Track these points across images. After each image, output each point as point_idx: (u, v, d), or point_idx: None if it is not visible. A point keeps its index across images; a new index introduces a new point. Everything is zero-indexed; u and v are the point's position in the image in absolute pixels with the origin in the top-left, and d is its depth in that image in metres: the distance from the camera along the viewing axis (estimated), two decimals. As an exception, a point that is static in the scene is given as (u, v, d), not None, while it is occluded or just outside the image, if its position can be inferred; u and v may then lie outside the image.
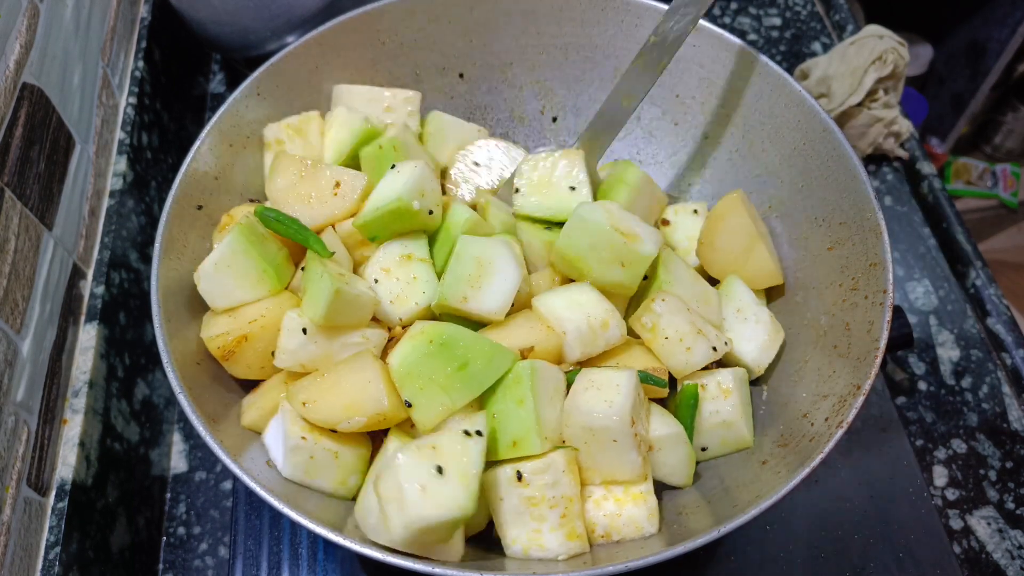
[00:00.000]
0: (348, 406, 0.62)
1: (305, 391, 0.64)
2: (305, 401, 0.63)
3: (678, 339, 0.69)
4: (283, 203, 0.76)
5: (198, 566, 0.85)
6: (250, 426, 0.69)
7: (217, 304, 0.70)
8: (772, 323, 0.76)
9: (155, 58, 1.10)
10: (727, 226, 0.77)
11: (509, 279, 0.68)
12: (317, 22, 0.96)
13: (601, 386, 0.63)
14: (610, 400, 0.61)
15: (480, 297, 0.67)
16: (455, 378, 0.63)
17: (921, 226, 1.10)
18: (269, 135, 0.83)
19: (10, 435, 0.66)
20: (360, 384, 0.63)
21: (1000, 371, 0.97)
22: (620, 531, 0.64)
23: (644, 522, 0.64)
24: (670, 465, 0.68)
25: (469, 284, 0.68)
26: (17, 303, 0.70)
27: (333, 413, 0.63)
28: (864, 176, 0.72)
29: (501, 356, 0.64)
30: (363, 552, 0.55)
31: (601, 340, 0.69)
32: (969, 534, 0.86)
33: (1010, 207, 2.59)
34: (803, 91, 0.78)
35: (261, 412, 0.68)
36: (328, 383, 0.64)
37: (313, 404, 0.63)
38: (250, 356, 0.69)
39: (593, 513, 0.64)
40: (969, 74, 2.26)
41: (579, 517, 0.62)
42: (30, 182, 0.75)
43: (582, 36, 0.91)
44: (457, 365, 0.63)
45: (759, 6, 1.37)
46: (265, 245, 0.70)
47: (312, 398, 0.63)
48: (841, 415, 0.62)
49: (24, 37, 0.78)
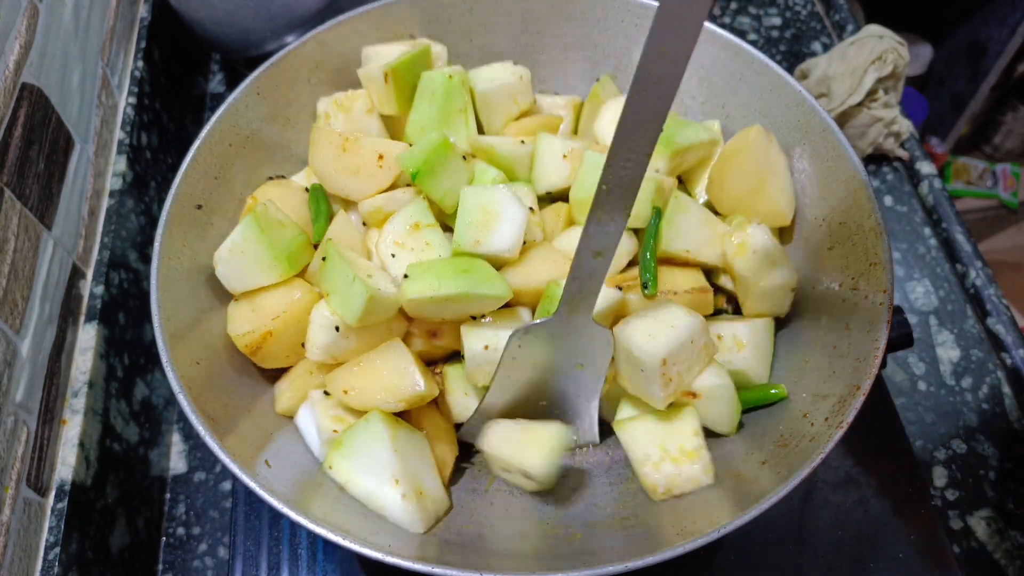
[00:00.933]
0: (388, 390, 0.68)
1: (344, 380, 0.69)
2: (346, 389, 0.68)
3: (765, 254, 0.73)
4: (330, 177, 0.79)
5: (197, 566, 0.85)
6: (284, 412, 0.73)
7: (233, 287, 0.73)
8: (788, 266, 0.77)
9: (155, 58, 1.10)
10: (738, 164, 0.78)
11: (516, 220, 0.71)
12: (317, 22, 0.96)
13: (656, 318, 0.66)
14: (653, 334, 0.65)
15: (491, 239, 0.71)
16: (454, 272, 0.68)
17: (921, 226, 1.09)
18: (320, 108, 0.86)
19: (9, 435, 0.66)
20: (397, 371, 0.68)
21: (1000, 371, 0.97)
22: (681, 486, 0.68)
23: (701, 475, 0.67)
24: (715, 414, 0.71)
25: (479, 229, 0.71)
26: (16, 303, 0.70)
27: (373, 398, 0.68)
28: (864, 176, 0.72)
29: (500, 283, 0.68)
30: (363, 552, 0.55)
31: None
32: (969, 534, 0.86)
33: (1010, 207, 2.59)
34: (803, 91, 0.78)
35: (294, 399, 0.73)
36: (365, 372, 0.69)
37: (354, 392, 0.68)
38: (276, 349, 0.72)
39: (653, 476, 0.68)
40: (969, 74, 2.26)
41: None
42: (29, 182, 0.75)
43: (582, 36, 0.91)
44: (461, 269, 0.68)
45: (759, 6, 1.37)
46: (279, 232, 0.72)
47: (352, 386, 0.68)
48: (841, 415, 0.62)
49: (24, 37, 0.78)
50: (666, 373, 0.65)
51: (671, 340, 0.65)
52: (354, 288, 0.66)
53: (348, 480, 0.66)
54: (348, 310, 0.66)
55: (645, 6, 0.87)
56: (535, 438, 0.67)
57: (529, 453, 0.66)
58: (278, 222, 0.72)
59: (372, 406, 0.67)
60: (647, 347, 0.64)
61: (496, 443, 0.67)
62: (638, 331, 0.66)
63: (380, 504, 0.64)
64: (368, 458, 0.65)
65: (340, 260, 0.68)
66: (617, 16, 0.88)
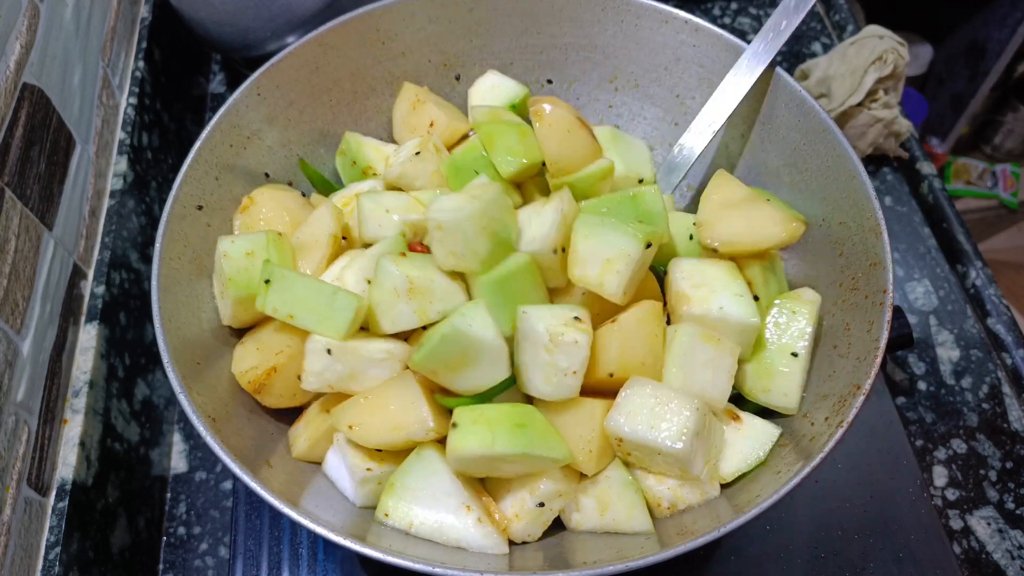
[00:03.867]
0: (394, 427, 0.64)
1: (350, 414, 0.65)
2: (352, 424, 0.64)
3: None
4: (398, 131, 0.89)
5: (198, 566, 0.85)
6: (302, 457, 0.70)
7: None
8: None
9: (155, 58, 1.10)
10: (721, 196, 0.75)
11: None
12: (317, 22, 0.96)
13: (664, 412, 0.62)
14: (656, 424, 0.61)
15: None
16: (510, 428, 0.62)
17: (921, 226, 1.10)
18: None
19: (10, 435, 0.66)
20: (405, 405, 0.64)
21: (1000, 371, 0.97)
22: (685, 500, 0.65)
23: (707, 486, 0.65)
24: (777, 395, 0.69)
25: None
26: (17, 303, 0.70)
27: (379, 434, 0.64)
28: (864, 176, 0.72)
29: (559, 444, 0.63)
30: (363, 552, 0.55)
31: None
32: (969, 534, 0.86)
33: (1010, 207, 2.59)
34: (803, 91, 0.78)
35: (310, 442, 0.69)
36: (372, 405, 0.65)
37: (360, 427, 0.64)
38: (280, 386, 0.70)
39: (656, 488, 0.65)
40: (969, 74, 2.26)
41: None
42: (30, 182, 0.75)
43: (582, 36, 0.91)
44: (516, 422, 0.62)
45: (759, 6, 1.37)
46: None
47: (358, 420, 0.64)
48: (841, 415, 0.62)
49: (24, 37, 0.78)
50: (700, 455, 0.63)
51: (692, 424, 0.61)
52: (337, 299, 0.64)
53: (413, 522, 0.62)
54: (333, 325, 0.64)
55: (645, 6, 0.87)
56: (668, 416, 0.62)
57: (662, 431, 0.61)
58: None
59: (376, 444, 0.64)
60: (674, 444, 0.60)
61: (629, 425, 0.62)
62: (653, 427, 0.61)
63: (457, 536, 0.61)
64: (430, 492, 0.62)
65: (299, 277, 0.66)
66: (617, 16, 0.89)
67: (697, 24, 0.85)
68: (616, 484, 0.65)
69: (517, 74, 0.95)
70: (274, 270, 0.67)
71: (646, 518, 0.65)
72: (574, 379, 0.63)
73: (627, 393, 0.63)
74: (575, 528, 0.67)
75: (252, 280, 0.70)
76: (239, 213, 0.79)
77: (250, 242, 0.71)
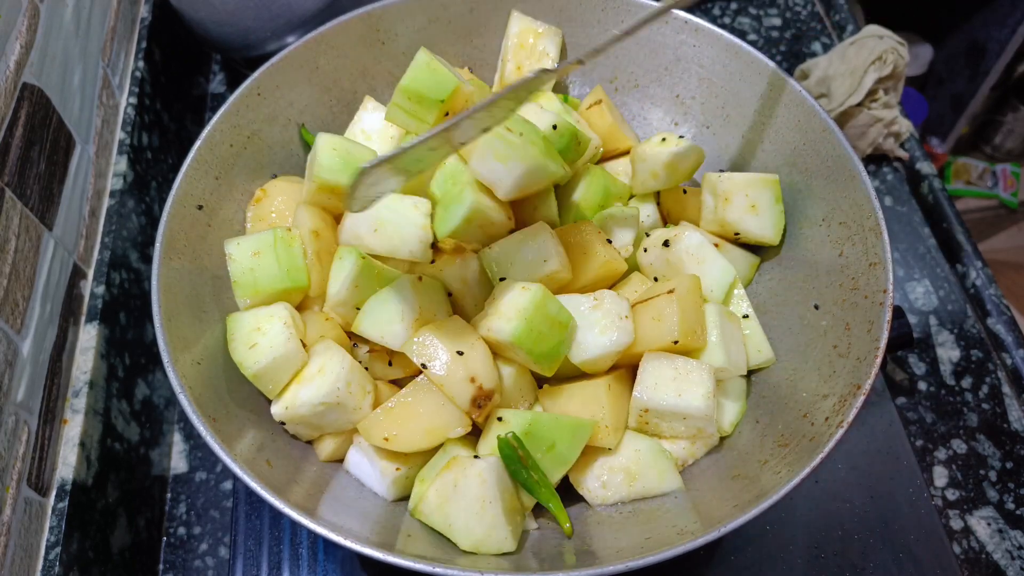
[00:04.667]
0: (429, 431, 0.66)
1: (381, 428, 0.67)
2: (386, 436, 0.66)
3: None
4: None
5: (198, 566, 0.85)
6: (329, 459, 0.72)
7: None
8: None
9: (155, 58, 1.10)
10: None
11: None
12: (317, 22, 0.96)
13: (687, 380, 0.68)
14: (681, 390, 0.68)
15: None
16: (547, 460, 0.66)
17: (921, 226, 1.10)
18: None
19: (10, 435, 0.66)
20: (434, 409, 0.66)
21: (1000, 371, 0.97)
22: (695, 455, 0.71)
23: (711, 439, 0.72)
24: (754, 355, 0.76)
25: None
26: (17, 303, 0.70)
27: (417, 441, 0.66)
28: (864, 176, 0.72)
29: (582, 429, 0.67)
30: (363, 552, 0.55)
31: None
32: (969, 534, 0.86)
33: (1010, 207, 2.59)
34: (803, 91, 0.78)
35: (335, 445, 0.71)
36: (401, 415, 0.67)
37: (395, 437, 0.66)
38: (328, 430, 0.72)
39: (671, 448, 0.71)
40: (969, 74, 2.26)
41: None
42: (30, 182, 0.75)
43: (582, 36, 0.91)
44: (546, 448, 0.66)
45: (759, 6, 1.37)
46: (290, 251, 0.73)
47: (391, 432, 0.66)
48: (841, 415, 0.62)
49: (24, 37, 0.78)
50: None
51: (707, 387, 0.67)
52: (464, 195, 0.68)
53: (452, 524, 0.63)
54: (448, 221, 0.68)
55: (645, 7, 0.87)
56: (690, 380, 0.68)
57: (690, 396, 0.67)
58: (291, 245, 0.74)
59: (414, 450, 0.67)
60: (692, 404, 0.67)
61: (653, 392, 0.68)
62: (667, 392, 0.67)
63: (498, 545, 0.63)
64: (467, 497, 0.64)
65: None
66: (617, 17, 0.89)
67: (697, 24, 0.85)
68: (646, 453, 0.69)
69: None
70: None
71: (677, 476, 0.69)
72: (629, 322, 0.68)
73: (648, 367, 0.69)
74: (601, 502, 0.69)
75: (259, 281, 0.71)
76: (252, 204, 0.80)
77: (256, 242, 0.72)
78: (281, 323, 0.69)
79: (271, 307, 0.71)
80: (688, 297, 0.70)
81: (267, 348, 0.68)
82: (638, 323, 0.70)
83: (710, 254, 0.76)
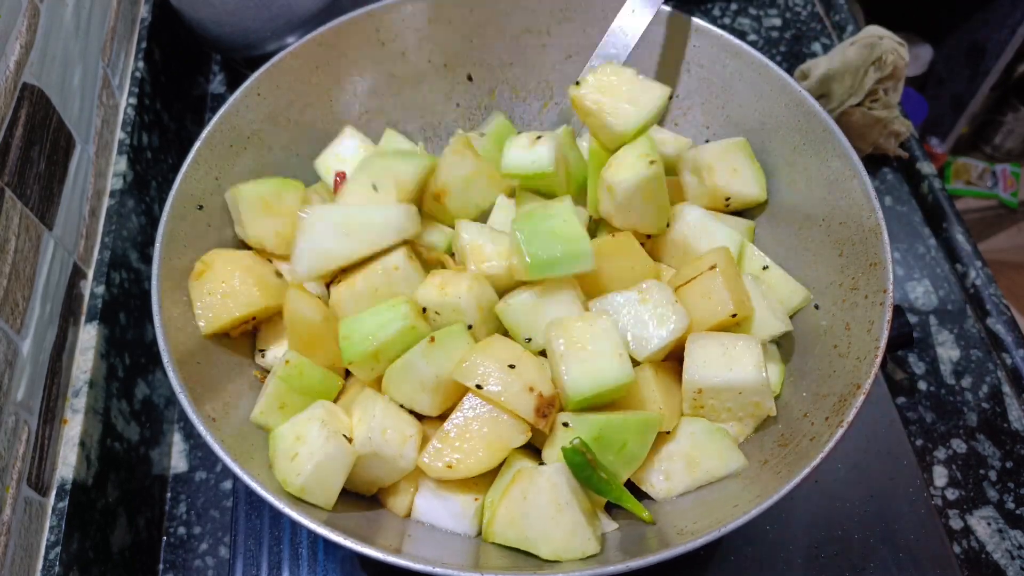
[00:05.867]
0: (491, 446, 0.64)
1: (442, 456, 0.65)
2: (449, 463, 0.64)
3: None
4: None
5: (198, 566, 0.85)
6: (410, 515, 0.69)
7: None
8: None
9: (155, 58, 1.10)
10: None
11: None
12: (317, 22, 0.96)
13: (735, 353, 0.67)
14: (731, 365, 0.67)
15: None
16: (618, 460, 0.65)
17: (921, 226, 1.10)
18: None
19: (10, 435, 0.66)
20: (491, 423, 0.65)
21: (1000, 371, 0.97)
22: (745, 432, 0.71)
23: (763, 409, 0.70)
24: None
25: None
26: (17, 303, 0.70)
27: (479, 460, 0.64)
28: (864, 176, 0.72)
29: (650, 423, 0.66)
30: (363, 552, 0.55)
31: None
32: (969, 534, 0.86)
33: (1010, 207, 2.59)
34: (803, 91, 0.78)
35: (410, 498, 0.68)
36: (459, 438, 0.65)
37: (458, 462, 0.64)
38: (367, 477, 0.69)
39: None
40: (969, 74, 2.26)
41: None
42: (30, 182, 0.75)
43: (582, 36, 0.91)
44: (617, 448, 0.65)
45: (759, 6, 1.37)
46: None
47: (453, 458, 0.64)
48: (841, 415, 0.62)
49: (24, 37, 0.78)
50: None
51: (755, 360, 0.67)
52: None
53: (525, 538, 0.62)
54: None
55: (645, 6, 0.86)
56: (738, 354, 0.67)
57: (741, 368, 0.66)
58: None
59: (481, 471, 0.65)
60: (744, 374, 0.66)
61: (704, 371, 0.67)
62: (718, 367, 0.67)
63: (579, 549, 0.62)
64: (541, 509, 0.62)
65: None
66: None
67: (697, 24, 0.85)
68: (702, 436, 0.69)
69: (518, 75, 0.95)
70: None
71: (739, 454, 0.69)
72: (680, 306, 0.69)
73: (694, 348, 0.68)
74: (665, 496, 0.68)
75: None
76: (192, 280, 0.72)
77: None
78: (319, 423, 0.64)
79: (308, 410, 0.67)
80: (728, 269, 0.70)
81: (307, 456, 0.62)
82: (687, 304, 0.69)
83: (712, 223, 0.77)
